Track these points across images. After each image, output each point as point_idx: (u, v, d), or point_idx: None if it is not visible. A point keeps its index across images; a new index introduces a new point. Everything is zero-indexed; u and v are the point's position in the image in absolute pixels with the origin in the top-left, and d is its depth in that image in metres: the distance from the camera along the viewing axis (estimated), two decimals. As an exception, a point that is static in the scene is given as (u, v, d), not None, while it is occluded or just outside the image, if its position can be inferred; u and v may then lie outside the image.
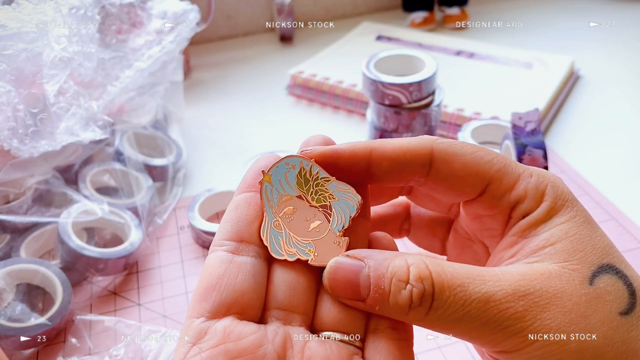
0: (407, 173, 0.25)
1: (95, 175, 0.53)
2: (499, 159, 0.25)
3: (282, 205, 0.25)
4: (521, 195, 0.24)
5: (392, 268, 0.22)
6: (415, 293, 0.22)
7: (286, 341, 0.22)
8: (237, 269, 0.23)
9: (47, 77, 0.43)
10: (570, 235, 0.23)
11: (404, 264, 0.22)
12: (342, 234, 0.25)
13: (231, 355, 0.21)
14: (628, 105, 0.69)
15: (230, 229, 0.24)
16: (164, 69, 0.59)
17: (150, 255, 0.50)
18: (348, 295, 0.23)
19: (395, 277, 0.22)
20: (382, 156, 0.25)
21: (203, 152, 0.64)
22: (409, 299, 0.22)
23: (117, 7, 0.55)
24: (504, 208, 0.25)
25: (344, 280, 0.23)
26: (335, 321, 0.23)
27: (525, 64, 0.73)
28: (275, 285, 0.23)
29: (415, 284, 0.22)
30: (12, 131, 0.42)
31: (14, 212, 0.47)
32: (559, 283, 0.22)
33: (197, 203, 0.52)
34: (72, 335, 0.42)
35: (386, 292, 0.22)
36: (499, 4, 0.98)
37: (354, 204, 0.25)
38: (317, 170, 0.25)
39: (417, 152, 0.25)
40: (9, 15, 0.43)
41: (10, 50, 0.42)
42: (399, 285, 0.22)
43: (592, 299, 0.22)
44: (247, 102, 0.74)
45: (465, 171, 0.24)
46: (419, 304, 0.22)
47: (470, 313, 0.21)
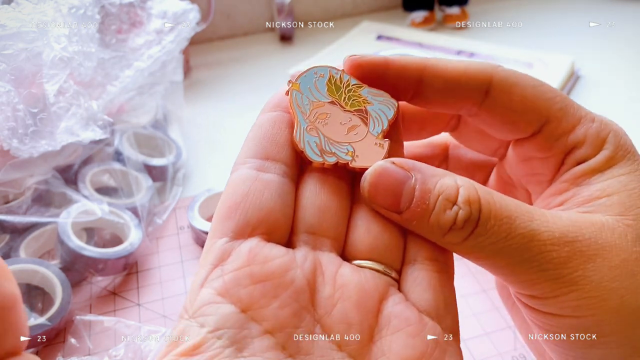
0: (461, 97, 0.23)
1: (94, 175, 0.53)
2: (561, 98, 0.23)
3: (314, 111, 0.23)
4: (580, 140, 0.23)
5: (440, 185, 0.21)
6: (460, 215, 0.20)
7: (316, 267, 0.20)
8: (263, 186, 0.21)
9: (47, 77, 0.43)
10: (629, 189, 0.21)
11: (453, 183, 0.21)
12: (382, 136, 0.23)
13: (257, 279, 0.19)
14: (628, 105, 0.69)
15: (254, 146, 0.22)
16: (163, 68, 0.59)
17: (150, 256, 0.50)
18: (386, 204, 0.21)
19: (442, 195, 0.20)
20: (436, 74, 0.23)
21: (203, 152, 0.64)
22: (452, 220, 0.20)
23: (116, 6, 0.55)
24: (559, 151, 0.23)
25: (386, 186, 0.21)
26: (370, 249, 0.21)
27: (526, 63, 0.73)
28: (303, 206, 0.21)
29: (463, 206, 0.20)
30: (12, 131, 0.42)
31: (14, 212, 0.47)
32: (611, 236, 0.20)
33: (197, 203, 0.52)
34: (72, 335, 0.42)
35: (429, 209, 0.20)
36: (499, 4, 0.98)
37: (391, 107, 0.23)
38: (347, 78, 0.23)
39: (475, 76, 0.23)
40: (8, 15, 0.43)
41: (10, 50, 0.42)
42: (445, 205, 0.20)
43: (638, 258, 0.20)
44: (247, 102, 0.74)
45: (524, 104, 0.23)
46: (461, 227, 0.20)
47: (512, 247, 0.20)
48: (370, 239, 0.21)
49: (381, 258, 0.21)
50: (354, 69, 0.23)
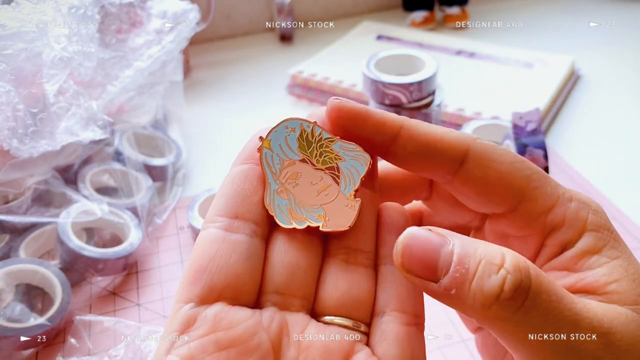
0: (434, 163, 0.22)
1: (94, 175, 0.53)
2: (539, 176, 0.22)
3: (285, 170, 0.22)
4: (559, 221, 0.22)
5: (482, 250, 0.19)
6: (509, 281, 0.18)
7: (282, 328, 0.20)
8: (230, 248, 0.20)
9: (47, 77, 0.43)
10: (630, 273, 0.21)
11: (497, 249, 0.19)
12: (353, 195, 0.22)
13: (222, 346, 0.19)
14: (628, 105, 0.69)
15: (224, 203, 0.21)
16: (163, 68, 0.59)
17: (150, 256, 0.50)
18: (421, 271, 0.19)
19: (485, 259, 0.19)
20: (412, 135, 0.22)
21: (203, 152, 0.64)
22: (500, 286, 0.18)
23: (116, 6, 0.55)
24: (537, 232, 0.22)
25: (421, 253, 0.19)
26: (339, 304, 0.21)
27: (526, 63, 0.73)
28: (272, 266, 0.21)
29: (512, 272, 0.18)
30: (12, 131, 0.42)
31: (14, 212, 0.47)
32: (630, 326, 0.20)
33: (196, 203, 0.52)
34: (72, 335, 0.42)
35: (470, 273, 0.19)
36: (499, 4, 0.98)
37: (363, 163, 0.23)
38: (319, 131, 0.23)
39: (452, 145, 0.22)
40: (8, 15, 0.43)
41: (10, 50, 0.42)
42: (490, 269, 0.19)
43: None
44: (247, 102, 0.74)
45: (500, 181, 0.22)
46: (510, 297, 0.18)
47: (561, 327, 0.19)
48: (339, 294, 0.21)
49: (350, 313, 0.21)
50: (334, 112, 0.22)
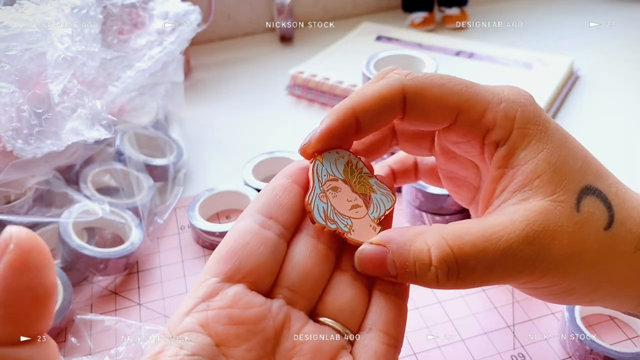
0: (389, 116, 0.26)
1: (96, 175, 0.53)
2: (469, 89, 0.26)
3: (328, 183, 0.26)
4: (490, 123, 0.26)
5: (413, 252, 0.24)
6: (440, 274, 0.24)
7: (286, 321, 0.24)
8: (260, 241, 0.24)
9: (51, 77, 0.43)
10: (552, 164, 0.25)
11: (424, 247, 0.24)
12: (377, 221, 0.27)
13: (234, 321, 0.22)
14: (628, 105, 0.69)
15: (263, 204, 0.25)
16: (164, 69, 0.59)
17: (151, 255, 0.50)
18: (381, 274, 0.25)
19: (417, 262, 0.24)
20: (364, 110, 0.26)
21: (204, 152, 0.64)
22: (435, 278, 0.24)
23: (118, 7, 0.55)
24: (476, 135, 0.26)
25: (373, 264, 0.25)
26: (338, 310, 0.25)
27: (525, 64, 0.74)
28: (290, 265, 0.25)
29: (439, 266, 0.23)
30: (16, 132, 0.42)
31: (15, 212, 0.47)
32: (554, 218, 0.24)
33: (197, 203, 0.52)
34: (73, 334, 0.42)
35: (412, 273, 0.24)
36: (499, 4, 0.98)
37: (389, 201, 0.28)
38: (361, 166, 0.28)
39: (391, 94, 0.26)
40: (11, 16, 0.43)
41: (13, 50, 0.42)
42: (424, 268, 0.24)
43: (582, 224, 0.24)
44: (247, 102, 0.74)
45: (436, 104, 0.26)
46: (447, 280, 0.24)
47: (495, 269, 0.24)
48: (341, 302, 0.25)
49: (345, 320, 0.25)
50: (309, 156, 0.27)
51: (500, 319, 0.42)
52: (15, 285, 0.17)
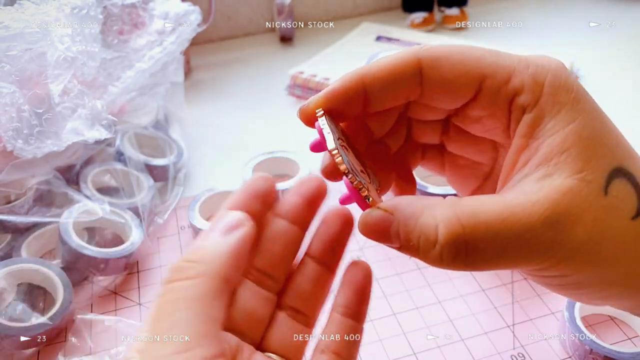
0: (402, 89, 0.25)
1: (96, 175, 0.53)
2: (490, 53, 0.24)
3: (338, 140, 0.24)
4: (518, 88, 0.23)
5: (420, 227, 0.22)
6: (445, 254, 0.22)
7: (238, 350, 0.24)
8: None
9: (51, 77, 0.43)
10: (583, 138, 0.23)
11: (431, 222, 0.22)
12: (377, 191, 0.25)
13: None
14: (628, 104, 0.69)
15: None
16: (164, 69, 0.59)
17: (151, 255, 0.50)
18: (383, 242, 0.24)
19: (422, 236, 0.22)
20: (374, 80, 0.25)
21: (204, 152, 0.64)
22: (439, 257, 0.22)
23: (119, 7, 0.55)
24: (502, 104, 0.24)
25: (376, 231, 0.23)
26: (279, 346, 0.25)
27: (525, 64, 0.74)
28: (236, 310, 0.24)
29: (445, 246, 0.22)
30: (17, 132, 0.42)
31: (15, 212, 0.47)
32: (579, 201, 0.22)
33: (197, 203, 0.52)
34: (73, 334, 0.42)
35: (415, 248, 0.22)
36: (499, 4, 0.98)
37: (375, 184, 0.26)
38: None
39: (405, 65, 0.24)
40: (11, 16, 0.43)
41: (13, 51, 0.42)
42: (428, 245, 0.22)
43: (609, 209, 0.22)
44: (247, 102, 0.74)
45: (456, 72, 0.24)
46: (452, 261, 0.22)
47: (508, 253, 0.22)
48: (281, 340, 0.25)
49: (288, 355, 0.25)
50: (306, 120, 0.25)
51: (500, 319, 0.42)
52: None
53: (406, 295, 0.44)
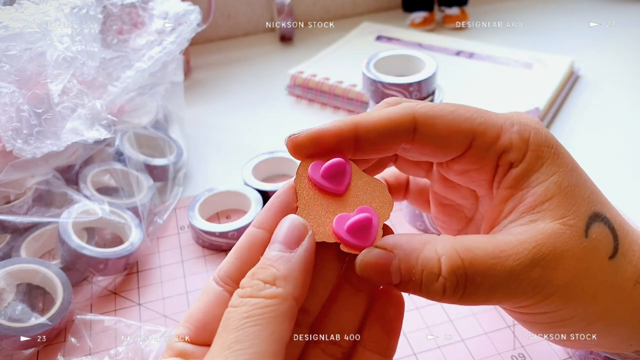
0: (394, 141, 0.26)
1: (95, 175, 0.53)
2: (479, 114, 0.26)
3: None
4: (507, 146, 0.25)
5: (422, 260, 0.23)
6: (448, 286, 0.23)
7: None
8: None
9: (51, 77, 0.43)
10: (562, 188, 0.25)
11: (433, 255, 0.23)
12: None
13: None
14: (628, 105, 0.69)
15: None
16: (164, 69, 0.59)
17: (151, 255, 0.50)
18: (382, 282, 0.24)
19: (425, 270, 0.23)
20: (367, 128, 0.25)
21: (203, 152, 0.64)
22: (442, 289, 0.23)
23: (118, 7, 0.55)
24: (491, 159, 0.26)
25: (376, 270, 0.24)
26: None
27: (525, 64, 0.74)
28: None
29: (449, 277, 0.23)
30: (16, 132, 0.42)
31: (15, 212, 0.47)
32: (562, 241, 0.24)
33: (197, 203, 0.52)
34: (72, 335, 0.42)
35: (417, 282, 0.23)
36: (499, 4, 0.98)
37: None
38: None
39: (401, 119, 0.25)
40: (11, 16, 0.43)
41: (13, 50, 0.42)
42: (431, 277, 0.23)
43: (589, 250, 0.24)
44: (247, 102, 0.74)
45: (449, 130, 0.25)
46: (453, 293, 0.23)
47: (499, 289, 0.23)
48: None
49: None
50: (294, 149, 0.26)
51: (501, 319, 0.42)
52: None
53: (406, 296, 0.44)
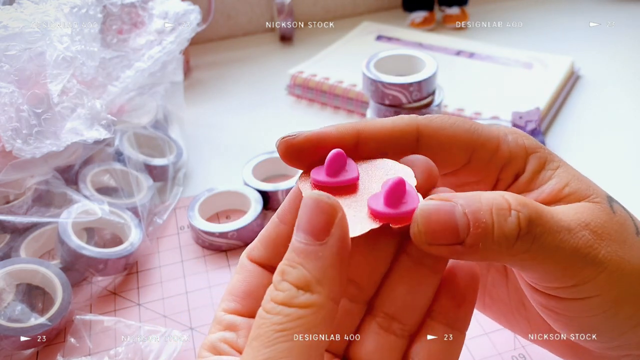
0: (397, 150, 0.25)
1: (95, 175, 0.53)
2: (476, 126, 0.26)
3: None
4: (506, 156, 0.25)
5: (486, 200, 0.21)
6: (522, 218, 0.21)
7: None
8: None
9: (50, 77, 0.43)
10: (572, 175, 0.25)
11: (495, 195, 0.22)
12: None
13: None
14: (628, 105, 0.69)
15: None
16: (164, 69, 0.59)
17: (150, 255, 0.50)
18: (447, 239, 0.21)
19: (494, 207, 0.21)
20: (369, 136, 0.25)
21: (203, 152, 0.64)
22: (517, 225, 0.21)
23: (118, 7, 0.55)
24: (491, 172, 0.26)
25: (439, 223, 0.21)
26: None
27: (525, 64, 0.74)
28: None
29: (522, 209, 0.21)
30: (16, 132, 0.42)
31: (14, 212, 0.47)
32: (599, 215, 0.23)
33: (197, 203, 0.52)
34: (72, 335, 0.42)
35: (489, 225, 0.21)
36: (499, 4, 0.98)
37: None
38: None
39: (405, 129, 0.25)
40: (10, 16, 0.43)
41: (12, 50, 0.42)
42: (503, 214, 0.21)
43: (621, 225, 0.23)
44: (247, 102, 0.74)
45: (450, 142, 0.25)
46: (527, 232, 0.21)
47: (563, 242, 0.22)
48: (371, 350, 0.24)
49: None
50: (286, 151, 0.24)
51: (501, 320, 0.42)
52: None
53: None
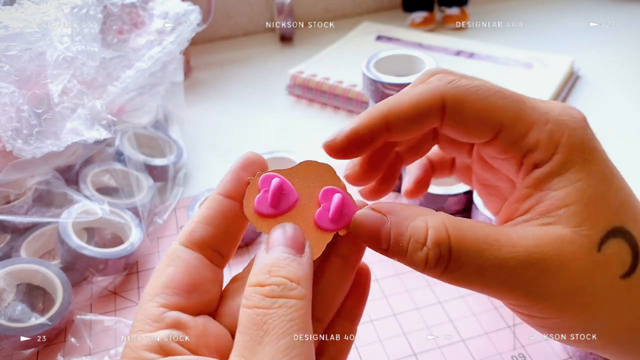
0: (424, 124, 0.25)
1: (95, 175, 0.53)
2: (515, 105, 0.25)
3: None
4: (532, 144, 0.24)
5: (411, 229, 0.24)
6: (431, 256, 0.23)
7: None
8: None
9: (51, 77, 0.43)
10: (585, 197, 0.23)
11: (423, 225, 0.24)
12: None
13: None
14: (628, 104, 0.69)
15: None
16: (164, 69, 0.59)
17: (151, 255, 0.50)
18: (371, 244, 0.25)
19: (412, 238, 0.23)
20: (397, 116, 0.25)
21: (203, 152, 0.64)
22: (425, 259, 0.23)
23: (118, 7, 0.55)
24: (515, 154, 0.25)
25: (368, 230, 0.24)
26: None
27: (525, 64, 0.74)
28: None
29: (432, 248, 0.23)
30: (16, 132, 0.42)
31: (15, 213, 0.47)
32: (570, 249, 0.23)
33: (197, 203, 0.52)
34: (72, 335, 0.42)
35: (404, 249, 0.24)
36: (499, 4, 0.98)
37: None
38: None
39: (430, 102, 0.25)
40: (11, 16, 0.43)
41: (13, 51, 0.42)
42: (416, 246, 0.23)
43: (598, 264, 0.23)
44: (247, 102, 0.74)
45: (476, 117, 0.25)
46: (434, 266, 0.23)
47: (485, 276, 0.23)
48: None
49: None
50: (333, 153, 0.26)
51: (501, 319, 0.42)
52: None
53: (406, 296, 0.44)
